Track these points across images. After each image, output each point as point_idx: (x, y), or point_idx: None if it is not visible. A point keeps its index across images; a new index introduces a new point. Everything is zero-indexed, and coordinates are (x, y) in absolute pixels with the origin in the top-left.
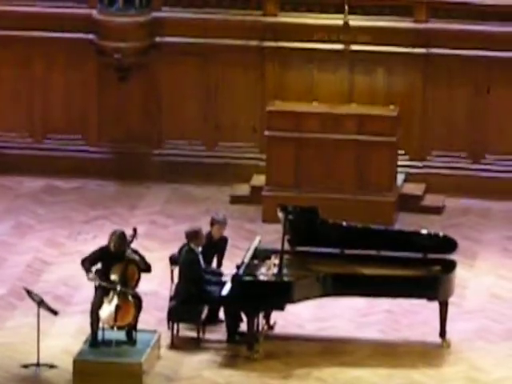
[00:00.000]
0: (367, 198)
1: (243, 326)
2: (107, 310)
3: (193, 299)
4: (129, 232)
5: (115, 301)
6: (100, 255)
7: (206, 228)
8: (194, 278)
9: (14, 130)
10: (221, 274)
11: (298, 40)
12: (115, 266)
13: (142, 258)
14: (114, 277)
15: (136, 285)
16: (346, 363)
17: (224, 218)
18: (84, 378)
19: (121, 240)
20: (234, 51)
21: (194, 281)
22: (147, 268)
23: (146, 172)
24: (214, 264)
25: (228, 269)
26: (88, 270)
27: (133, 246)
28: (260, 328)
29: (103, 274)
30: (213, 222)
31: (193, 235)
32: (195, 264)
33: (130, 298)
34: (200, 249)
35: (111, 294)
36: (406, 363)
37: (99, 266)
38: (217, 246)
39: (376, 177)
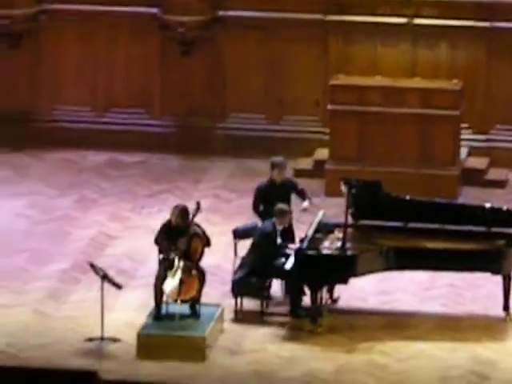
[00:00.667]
0: (430, 171)
1: (307, 300)
2: (171, 283)
3: (257, 272)
4: (192, 206)
5: (179, 275)
6: (165, 230)
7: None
8: (268, 252)
9: (77, 104)
10: (286, 246)
11: (361, 14)
12: (179, 240)
13: (204, 232)
14: (177, 251)
15: (200, 259)
16: (409, 337)
17: (282, 160)
18: (148, 352)
19: (183, 215)
20: (298, 25)
21: (266, 255)
22: (207, 242)
23: (210, 146)
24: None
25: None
26: (166, 249)
27: (196, 220)
28: (323, 302)
29: (168, 248)
30: (272, 167)
31: (279, 213)
32: (271, 238)
33: (193, 272)
34: (281, 227)
35: (175, 267)
36: (470, 337)
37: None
38: (282, 189)
39: (439, 151)
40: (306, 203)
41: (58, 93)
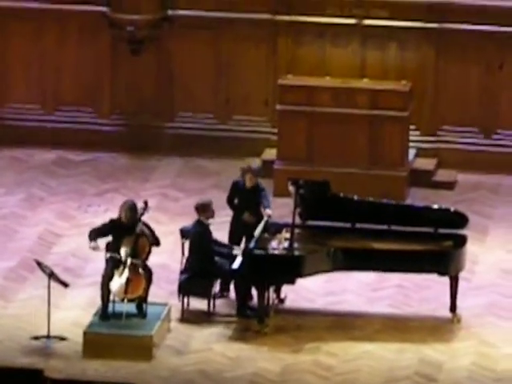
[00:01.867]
0: (379, 172)
1: (253, 300)
2: (118, 282)
3: (203, 272)
4: (140, 205)
5: (126, 273)
6: (110, 227)
7: (216, 202)
8: (204, 250)
9: (25, 102)
10: (231, 247)
11: (310, 14)
12: (126, 238)
13: (152, 231)
14: (124, 249)
15: (146, 257)
16: (356, 338)
17: (256, 168)
18: (94, 351)
19: (132, 211)
20: (247, 25)
21: (203, 254)
22: (156, 242)
23: (158, 145)
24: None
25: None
26: (92, 239)
27: (143, 218)
28: (270, 302)
29: (114, 247)
30: (243, 172)
31: (201, 208)
32: (204, 236)
33: (140, 270)
34: (210, 221)
35: (122, 266)
36: (417, 338)
37: (110, 238)
38: (252, 193)
39: (388, 151)
40: (268, 210)
41: (5, 91)
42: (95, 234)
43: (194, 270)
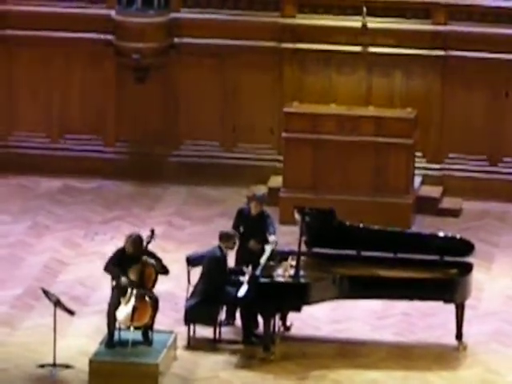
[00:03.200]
0: (384, 200)
1: (259, 328)
2: (124, 310)
3: (210, 300)
4: (146, 233)
5: (132, 301)
6: (118, 257)
7: (217, 229)
8: (215, 276)
9: (31, 129)
10: (242, 273)
11: (316, 42)
12: (132, 267)
13: (159, 260)
14: (131, 278)
15: (153, 286)
16: (361, 365)
17: (262, 196)
18: (100, 379)
19: (136, 244)
20: (252, 53)
21: (214, 279)
22: (164, 271)
23: (163, 173)
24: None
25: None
26: (117, 276)
27: (150, 246)
28: (276, 329)
29: (120, 275)
30: (249, 200)
31: (225, 237)
32: (219, 263)
33: (146, 298)
34: (227, 251)
35: (128, 294)
36: (422, 366)
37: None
38: (257, 222)
39: (393, 179)
40: (273, 237)
41: (12, 118)
42: (114, 268)
43: (200, 296)
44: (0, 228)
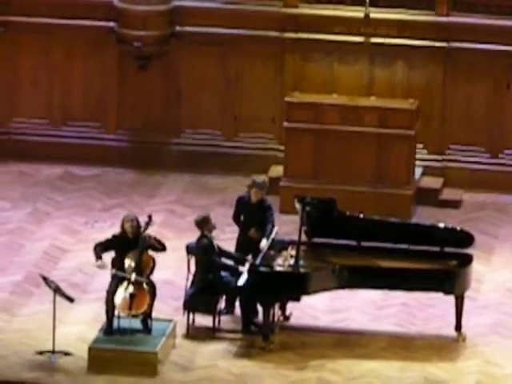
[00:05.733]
0: (385, 190)
1: (259, 317)
2: (121, 297)
3: (209, 289)
4: (144, 219)
5: (130, 289)
6: (114, 242)
7: (222, 219)
8: (209, 264)
9: (33, 116)
10: (238, 257)
11: (318, 32)
12: (130, 253)
13: (156, 239)
14: (128, 264)
15: (151, 272)
16: (360, 355)
17: (262, 182)
18: (99, 366)
19: (135, 223)
20: (255, 42)
21: (209, 268)
22: (163, 247)
23: (164, 161)
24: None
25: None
26: (97, 255)
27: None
28: (275, 319)
29: (118, 262)
30: (249, 186)
31: (202, 222)
32: (208, 250)
33: (144, 286)
34: (213, 234)
35: (126, 281)
36: (421, 356)
37: (113, 254)
38: (256, 208)
39: (394, 170)
40: (262, 243)
41: (13, 105)
42: (100, 250)
43: (199, 286)
44: (0, 214)
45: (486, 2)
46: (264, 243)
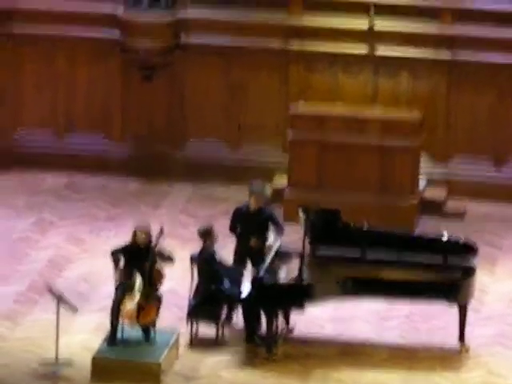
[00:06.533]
0: (389, 201)
1: (262, 328)
2: (128, 306)
3: (212, 299)
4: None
5: (137, 299)
6: (126, 250)
7: (226, 229)
8: (212, 275)
9: (37, 125)
10: (240, 272)
11: (322, 42)
12: (140, 265)
13: (168, 253)
14: (139, 279)
15: (160, 285)
16: (364, 365)
17: (262, 188)
18: (102, 376)
19: (147, 233)
20: (259, 52)
21: (211, 277)
22: (171, 260)
23: (169, 171)
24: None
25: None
26: (118, 262)
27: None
28: (279, 330)
29: (127, 272)
30: (250, 193)
31: (206, 233)
32: (210, 260)
33: (151, 297)
34: (215, 245)
35: (134, 291)
36: (425, 367)
37: (122, 264)
38: (256, 217)
39: (398, 180)
40: (269, 241)
41: (18, 114)
42: (118, 256)
43: (202, 296)
44: (5, 223)
45: (490, 12)
46: (272, 240)
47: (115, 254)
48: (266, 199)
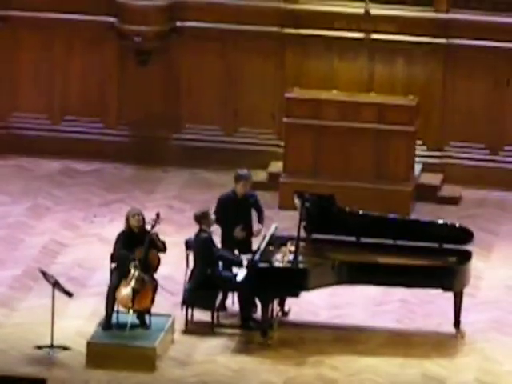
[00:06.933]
0: (384, 187)
1: (257, 312)
2: (124, 292)
3: (207, 284)
4: (151, 217)
5: (132, 284)
6: (122, 240)
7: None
8: (208, 259)
9: (32, 111)
10: (235, 257)
11: (318, 27)
12: (137, 249)
13: (161, 241)
14: (133, 262)
15: (155, 270)
16: (359, 351)
17: (248, 173)
18: (97, 361)
19: (140, 217)
20: (255, 37)
21: (207, 261)
22: (164, 249)
23: (164, 156)
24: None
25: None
26: (126, 258)
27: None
28: (274, 314)
29: (126, 259)
30: (235, 179)
31: (202, 216)
32: (207, 243)
33: (147, 282)
34: (212, 228)
35: (130, 276)
36: (420, 353)
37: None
38: (243, 203)
39: (394, 166)
40: (256, 227)
41: (13, 100)
42: (120, 249)
43: (198, 281)
44: (0, 209)
45: None
46: (257, 227)
47: (120, 252)
48: (250, 182)
